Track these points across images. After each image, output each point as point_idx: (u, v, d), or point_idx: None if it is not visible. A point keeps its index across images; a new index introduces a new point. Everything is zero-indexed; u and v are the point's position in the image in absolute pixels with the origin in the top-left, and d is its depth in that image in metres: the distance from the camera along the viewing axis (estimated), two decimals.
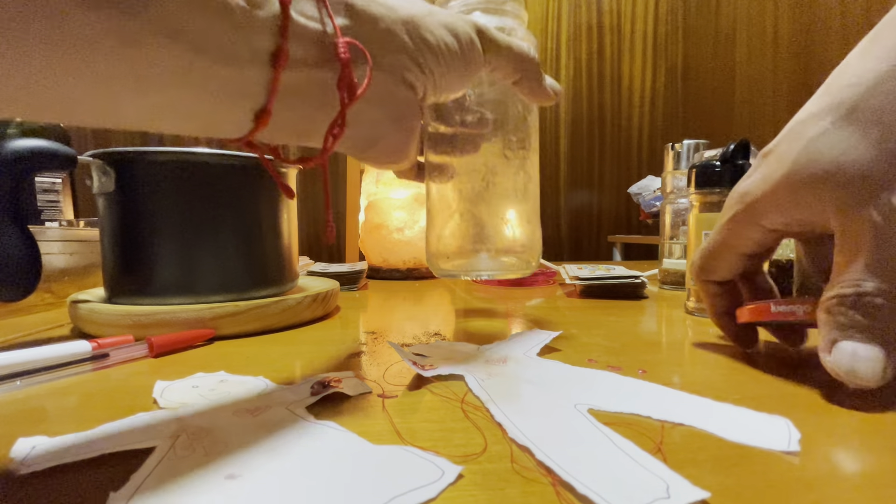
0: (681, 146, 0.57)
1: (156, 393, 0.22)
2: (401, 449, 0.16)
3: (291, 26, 0.17)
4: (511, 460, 0.15)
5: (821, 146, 0.20)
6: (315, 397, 0.21)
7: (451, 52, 0.22)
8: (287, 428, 0.17)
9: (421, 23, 0.21)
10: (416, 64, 0.21)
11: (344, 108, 0.19)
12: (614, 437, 0.16)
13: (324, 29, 0.18)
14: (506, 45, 0.25)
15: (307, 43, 0.18)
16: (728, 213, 0.26)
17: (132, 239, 0.34)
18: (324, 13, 0.18)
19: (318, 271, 0.57)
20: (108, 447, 0.16)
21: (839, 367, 0.20)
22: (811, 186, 0.21)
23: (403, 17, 0.21)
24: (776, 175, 0.22)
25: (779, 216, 0.23)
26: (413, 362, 0.24)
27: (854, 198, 0.19)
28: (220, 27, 0.15)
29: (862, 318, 0.19)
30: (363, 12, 0.19)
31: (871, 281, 0.19)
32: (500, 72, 0.26)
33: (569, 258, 2.09)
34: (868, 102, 0.20)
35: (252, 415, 0.19)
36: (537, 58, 0.27)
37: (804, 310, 0.23)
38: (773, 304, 0.24)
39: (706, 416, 0.18)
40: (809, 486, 0.14)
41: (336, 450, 0.16)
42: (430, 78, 0.22)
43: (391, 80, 0.21)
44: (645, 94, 2.13)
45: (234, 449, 0.16)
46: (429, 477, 0.14)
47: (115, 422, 0.18)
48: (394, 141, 0.23)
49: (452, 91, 0.24)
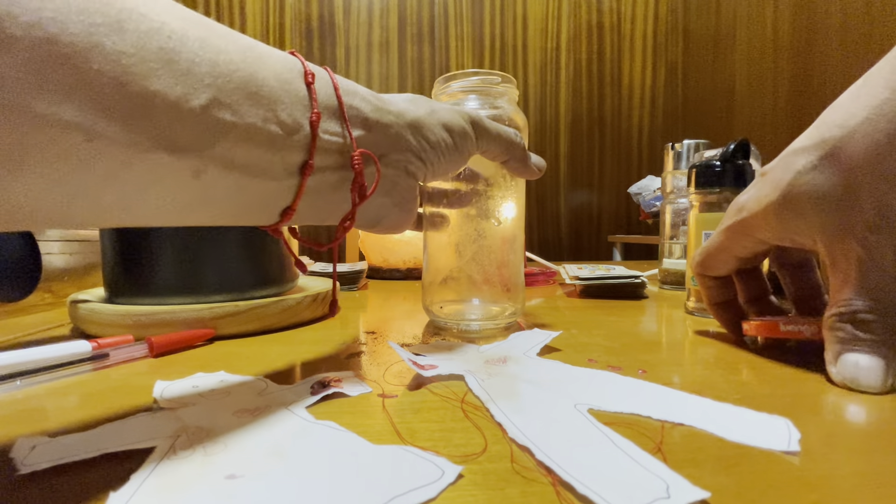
0: (681, 146, 0.57)
1: (156, 392, 0.22)
2: (401, 449, 0.16)
3: (318, 143, 0.20)
4: (511, 460, 0.15)
5: (807, 180, 0.23)
6: (315, 397, 0.21)
7: (447, 146, 0.26)
8: (287, 428, 0.17)
9: (424, 124, 0.25)
10: (419, 158, 0.25)
11: (354, 207, 0.23)
12: (614, 436, 0.16)
13: (344, 141, 0.22)
14: (495, 133, 0.29)
15: (330, 154, 0.21)
16: (727, 221, 0.28)
17: (132, 239, 0.34)
18: (344, 128, 0.22)
19: (318, 271, 0.57)
20: (109, 446, 0.16)
21: (844, 377, 0.22)
22: (798, 215, 0.24)
23: (409, 121, 0.24)
24: (767, 199, 0.25)
25: (769, 233, 0.26)
26: (413, 362, 0.24)
27: (838, 231, 0.22)
28: (264, 155, 0.19)
29: (860, 333, 0.22)
30: (376, 123, 0.23)
31: (860, 300, 0.22)
32: (490, 154, 0.30)
33: (569, 258, 2.09)
34: (849, 147, 0.21)
35: (252, 415, 0.19)
36: (523, 142, 0.32)
37: (810, 330, 0.25)
38: (781, 324, 0.27)
39: (706, 416, 0.18)
40: (810, 486, 0.14)
41: (336, 450, 0.16)
42: (430, 168, 0.26)
43: (397, 173, 0.25)
44: (645, 94, 2.13)
45: (233, 449, 0.16)
46: (429, 477, 0.14)
47: (116, 422, 0.18)
48: (395, 219, 0.27)
49: (448, 174, 0.29)
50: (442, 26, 2.00)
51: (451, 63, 2.02)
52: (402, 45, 1.98)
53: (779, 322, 0.27)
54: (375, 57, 1.97)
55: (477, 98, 0.35)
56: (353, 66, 1.95)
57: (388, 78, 1.98)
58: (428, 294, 0.37)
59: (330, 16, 1.93)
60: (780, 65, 1.53)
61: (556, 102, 2.08)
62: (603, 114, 2.11)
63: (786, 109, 1.50)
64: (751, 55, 1.68)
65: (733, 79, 1.78)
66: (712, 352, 0.29)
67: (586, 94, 2.10)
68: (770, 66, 1.57)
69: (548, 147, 2.08)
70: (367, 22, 1.95)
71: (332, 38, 1.94)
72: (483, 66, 2.04)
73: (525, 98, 2.05)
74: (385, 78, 1.98)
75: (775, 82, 1.55)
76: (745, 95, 1.71)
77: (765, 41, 1.60)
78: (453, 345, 0.30)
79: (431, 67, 2.01)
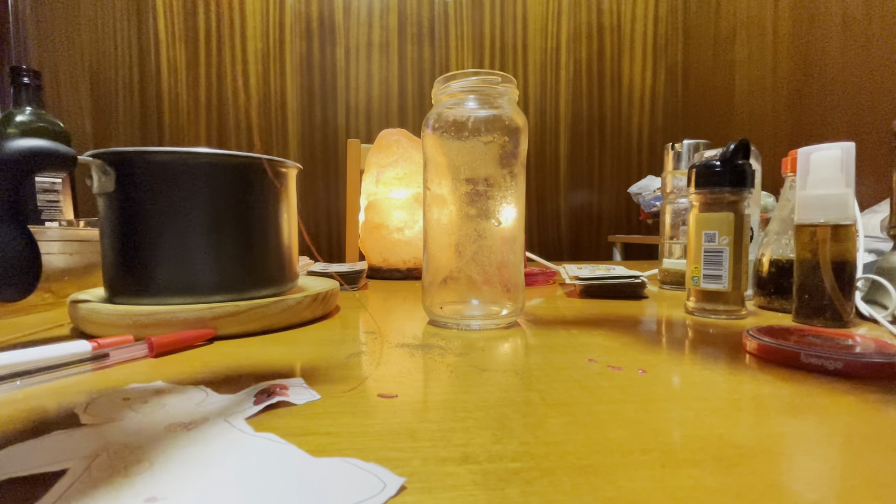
0: (681, 146, 0.57)
1: (78, 408, 0.20)
2: (342, 461, 0.15)
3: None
4: (511, 460, 0.15)
5: None
6: (258, 407, 0.19)
7: None
8: (222, 442, 0.16)
9: None
10: None
11: None
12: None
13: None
14: None
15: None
16: None
17: (132, 239, 0.34)
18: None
19: (318, 271, 0.57)
20: (13, 471, 0.14)
21: None
22: None
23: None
24: None
25: None
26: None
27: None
28: None
29: None
30: None
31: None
32: None
33: (569, 258, 2.09)
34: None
35: (186, 428, 0.17)
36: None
37: (835, 365, 0.24)
38: (803, 355, 0.25)
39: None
40: (810, 486, 0.14)
41: (271, 464, 0.15)
42: None
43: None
44: (645, 94, 2.13)
45: (159, 468, 0.14)
46: (370, 490, 0.13)
47: (25, 442, 0.16)
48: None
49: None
50: (442, 26, 2.00)
51: (451, 63, 2.02)
52: (402, 45, 1.98)
53: (800, 353, 0.25)
54: (375, 57, 1.97)
55: (477, 98, 0.35)
56: (353, 66, 1.95)
57: (388, 78, 1.98)
58: (428, 294, 0.37)
59: (330, 16, 1.93)
60: (780, 65, 1.53)
61: (556, 102, 2.08)
62: (603, 114, 2.11)
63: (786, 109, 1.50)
64: (751, 55, 1.68)
65: (733, 79, 1.78)
66: (712, 352, 0.29)
67: (586, 94, 2.10)
68: (770, 66, 1.57)
69: (548, 147, 2.08)
70: (367, 22, 1.95)
71: (332, 38, 1.94)
72: (483, 66, 2.04)
73: (525, 98, 2.05)
74: (385, 78, 1.97)
75: (775, 82, 1.55)
76: (745, 95, 1.71)
77: (765, 41, 1.60)
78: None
79: (431, 67, 2.00)
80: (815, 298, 0.36)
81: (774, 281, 0.43)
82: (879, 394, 0.21)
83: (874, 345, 0.27)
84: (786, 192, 0.44)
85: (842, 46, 1.28)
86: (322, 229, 1.92)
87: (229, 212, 0.35)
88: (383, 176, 0.70)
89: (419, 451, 0.16)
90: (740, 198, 0.39)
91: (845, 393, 0.21)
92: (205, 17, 1.87)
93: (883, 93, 1.15)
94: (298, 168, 0.41)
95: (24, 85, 0.69)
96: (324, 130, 1.93)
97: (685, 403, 0.20)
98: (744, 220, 0.39)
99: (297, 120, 1.92)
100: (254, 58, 1.89)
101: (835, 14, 1.31)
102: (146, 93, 1.86)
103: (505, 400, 0.21)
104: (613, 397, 0.21)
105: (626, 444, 0.17)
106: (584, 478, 0.14)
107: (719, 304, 0.40)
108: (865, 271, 0.43)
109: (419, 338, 0.32)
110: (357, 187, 1.03)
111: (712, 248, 0.40)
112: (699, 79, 2.02)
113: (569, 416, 0.19)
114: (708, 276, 0.40)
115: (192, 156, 0.34)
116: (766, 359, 0.27)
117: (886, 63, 1.14)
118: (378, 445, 0.17)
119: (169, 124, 1.88)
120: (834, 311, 0.35)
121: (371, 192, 0.71)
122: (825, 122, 1.33)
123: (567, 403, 0.20)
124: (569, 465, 0.15)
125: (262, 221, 0.37)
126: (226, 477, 0.14)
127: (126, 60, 1.85)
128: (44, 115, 0.70)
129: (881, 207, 0.66)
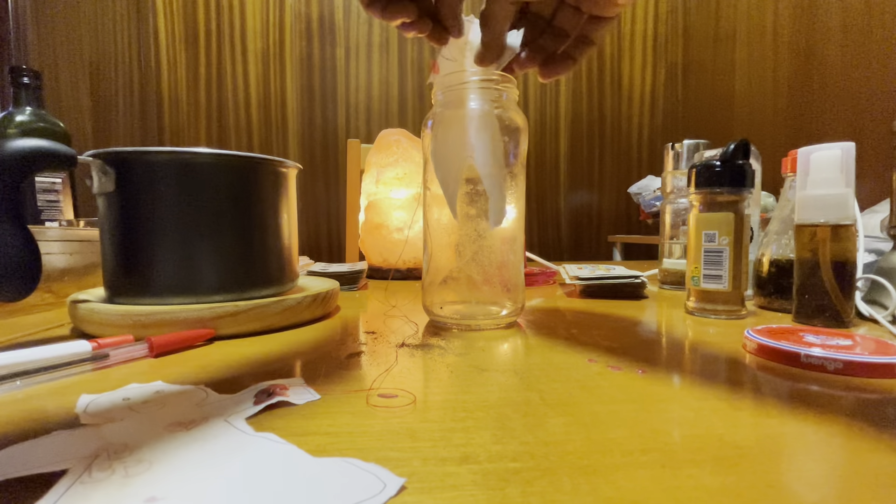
0: (681, 146, 0.57)
1: (79, 407, 0.20)
2: (341, 461, 0.15)
3: None
4: (511, 460, 0.15)
5: None
6: (258, 407, 0.19)
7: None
8: (222, 442, 0.16)
9: None
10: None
11: None
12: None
13: None
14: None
15: None
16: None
17: (132, 239, 0.34)
18: None
19: (318, 271, 0.57)
20: (13, 471, 0.14)
21: None
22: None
23: None
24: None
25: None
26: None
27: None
28: None
29: None
30: None
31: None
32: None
33: (569, 258, 2.09)
34: None
35: (186, 428, 0.17)
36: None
37: (835, 366, 0.24)
38: (803, 355, 0.25)
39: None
40: (810, 486, 0.14)
41: (271, 464, 0.15)
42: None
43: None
44: (645, 94, 2.13)
45: (159, 468, 0.14)
46: (370, 490, 0.13)
47: (25, 442, 0.16)
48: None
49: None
50: None
51: None
52: (402, 45, 1.98)
53: (800, 353, 0.25)
54: (375, 57, 1.97)
55: (477, 98, 0.35)
56: (353, 66, 1.95)
57: (388, 78, 1.98)
58: (428, 294, 0.37)
59: (330, 15, 1.93)
60: (780, 65, 1.53)
61: (556, 102, 2.08)
62: (603, 114, 2.11)
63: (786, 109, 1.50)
64: (751, 55, 1.68)
65: (733, 79, 1.78)
66: (712, 352, 0.29)
67: (586, 94, 2.10)
68: (770, 66, 1.57)
69: (548, 147, 2.08)
70: (367, 22, 1.95)
71: (332, 37, 1.94)
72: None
73: (525, 98, 2.05)
74: (385, 78, 1.97)
75: (775, 82, 1.55)
76: (745, 95, 1.71)
77: (765, 41, 1.60)
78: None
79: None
80: (815, 298, 0.36)
81: (774, 281, 0.43)
82: (879, 394, 0.21)
83: (874, 345, 0.27)
84: (786, 192, 0.44)
85: (842, 46, 1.28)
86: (322, 229, 1.92)
87: (229, 212, 0.35)
88: (383, 176, 0.70)
89: (419, 451, 0.16)
90: (740, 198, 0.39)
91: (845, 393, 0.21)
92: (205, 17, 1.87)
93: (883, 93, 1.15)
94: (298, 168, 0.41)
95: (24, 85, 0.69)
96: (324, 130, 1.93)
97: (685, 403, 0.20)
98: (744, 220, 0.39)
99: (297, 120, 1.92)
100: (254, 58, 1.89)
101: (835, 14, 1.31)
102: (146, 93, 1.86)
103: (505, 400, 0.21)
104: (613, 397, 0.21)
105: (626, 444, 0.17)
106: (584, 478, 0.14)
107: (719, 304, 0.40)
108: (865, 271, 0.43)
109: (419, 338, 0.32)
110: (357, 187, 1.03)
111: (712, 248, 0.40)
112: (699, 79, 2.02)
113: (569, 416, 0.19)
114: (708, 276, 0.40)
115: (192, 156, 0.34)
116: (766, 359, 0.27)
117: (886, 63, 1.14)
118: (378, 445, 0.17)
119: (169, 124, 1.88)
120: (834, 311, 0.35)
121: (371, 192, 0.71)
122: (825, 122, 1.33)
123: (567, 403, 0.20)
124: (569, 465, 0.15)
125: (262, 221, 0.37)
126: (226, 477, 0.14)
127: (126, 60, 1.85)
128: (44, 115, 0.70)
129: (881, 207, 0.65)
